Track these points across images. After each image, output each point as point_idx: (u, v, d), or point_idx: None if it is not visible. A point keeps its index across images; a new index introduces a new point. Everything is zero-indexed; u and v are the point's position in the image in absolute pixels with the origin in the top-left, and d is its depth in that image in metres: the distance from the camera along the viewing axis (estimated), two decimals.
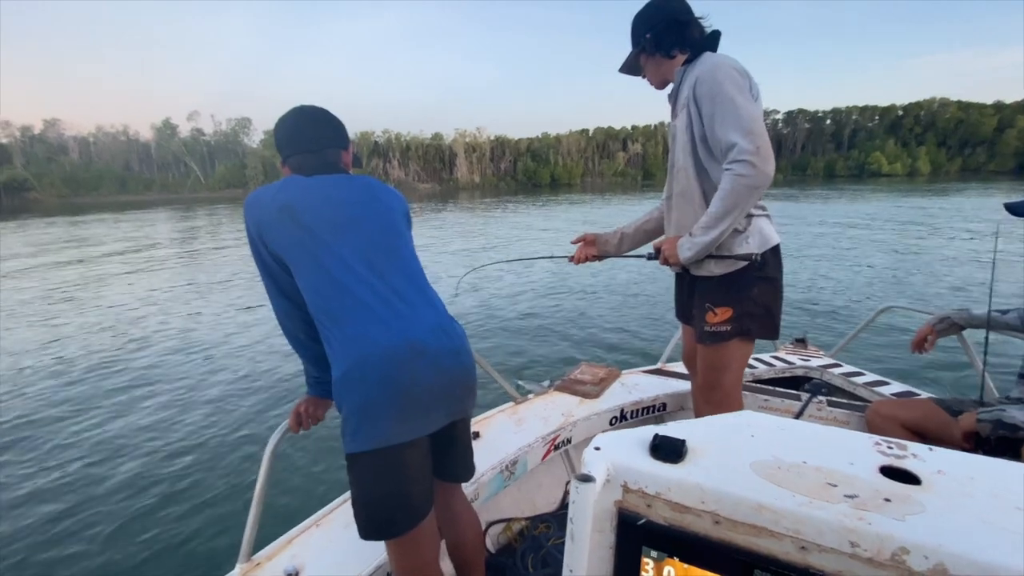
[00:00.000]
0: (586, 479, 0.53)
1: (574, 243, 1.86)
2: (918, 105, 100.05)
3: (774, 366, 2.56)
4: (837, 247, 12.47)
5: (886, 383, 2.32)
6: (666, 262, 1.56)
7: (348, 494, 1.39)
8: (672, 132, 1.61)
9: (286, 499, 3.16)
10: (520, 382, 2.27)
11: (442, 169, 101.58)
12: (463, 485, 1.34)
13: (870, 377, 2.39)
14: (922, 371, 4.55)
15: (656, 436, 0.57)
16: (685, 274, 1.65)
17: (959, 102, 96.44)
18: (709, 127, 1.40)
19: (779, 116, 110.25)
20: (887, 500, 0.47)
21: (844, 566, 0.44)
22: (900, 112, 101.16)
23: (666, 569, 0.51)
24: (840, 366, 2.55)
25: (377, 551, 1.26)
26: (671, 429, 0.59)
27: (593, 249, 1.82)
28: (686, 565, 0.50)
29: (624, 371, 2.38)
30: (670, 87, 1.61)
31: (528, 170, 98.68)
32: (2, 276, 11.74)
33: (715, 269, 1.50)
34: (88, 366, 5.75)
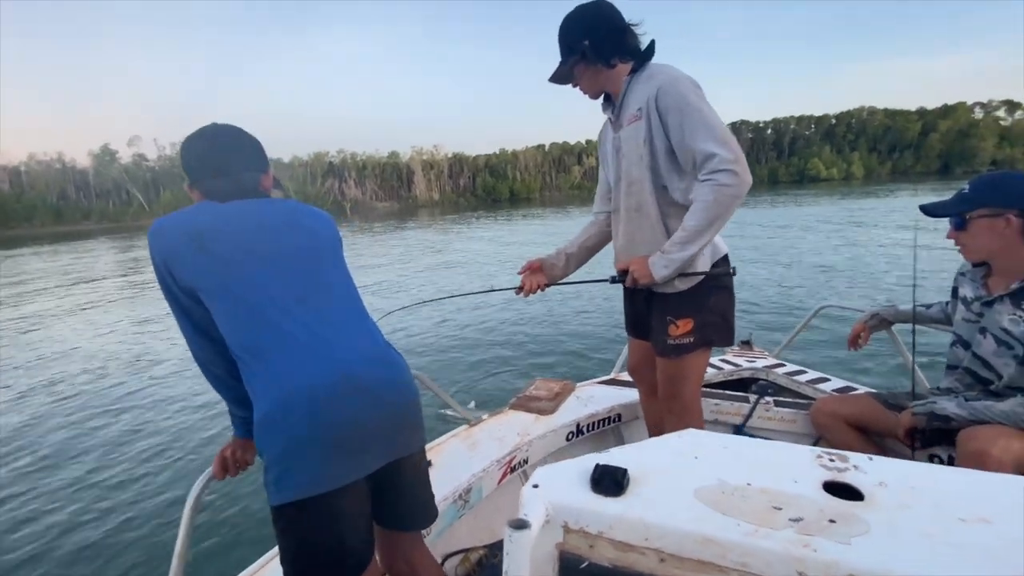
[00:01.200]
0: (521, 525, 0.50)
1: (520, 273, 1.77)
2: (849, 114, 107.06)
3: (723, 369, 2.60)
4: (779, 249, 12.83)
5: (827, 379, 2.39)
6: (635, 283, 1.48)
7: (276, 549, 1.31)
8: (615, 145, 1.57)
9: (214, 554, 2.84)
10: (472, 405, 2.18)
11: (400, 187, 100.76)
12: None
13: (812, 375, 2.46)
14: (859, 365, 4.73)
15: (597, 467, 0.54)
16: (637, 289, 1.60)
17: (886, 109, 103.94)
18: (679, 139, 1.37)
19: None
20: (832, 521, 0.46)
21: None
22: (833, 120, 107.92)
23: None
24: (784, 365, 2.62)
25: None
26: (613, 457, 0.57)
27: (542, 277, 1.74)
28: None
29: (579, 384, 2.37)
30: (602, 98, 1.58)
31: (487, 186, 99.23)
32: None
33: (679, 284, 1.49)
34: None
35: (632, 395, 2.19)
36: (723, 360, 2.74)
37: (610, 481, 0.52)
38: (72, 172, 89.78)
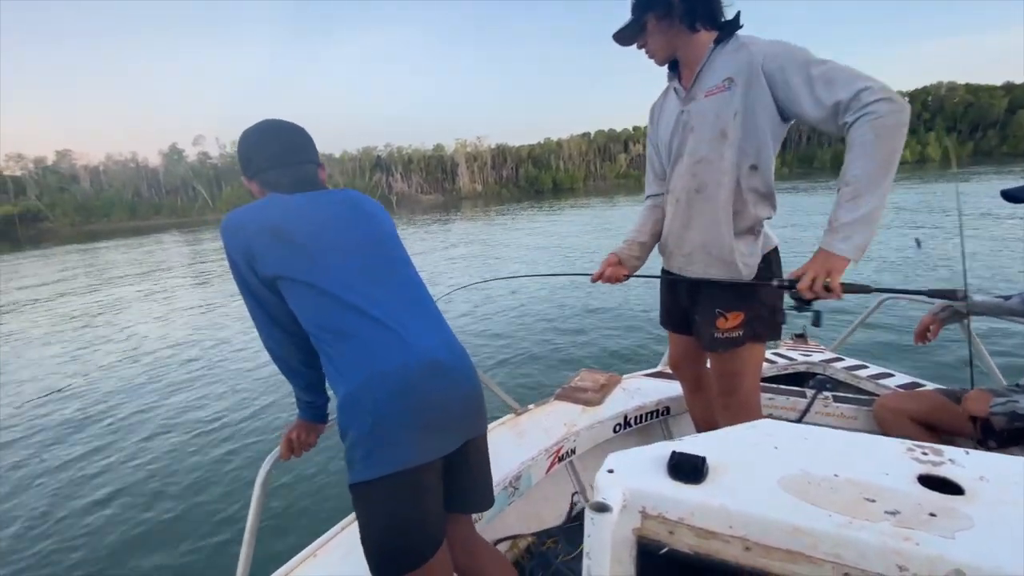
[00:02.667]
0: (602, 508, 0.49)
1: (601, 270, 1.68)
2: (925, 90, 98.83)
3: (776, 363, 2.49)
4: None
5: (890, 375, 2.27)
6: (825, 289, 1.17)
7: (345, 521, 1.39)
8: (681, 120, 1.42)
9: (281, 529, 3.02)
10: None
11: (444, 180, 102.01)
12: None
13: (874, 369, 2.34)
14: (925, 361, 4.39)
15: (674, 454, 0.53)
16: (681, 281, 1.53)
17: (967, 85, 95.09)
18: (810, 91, 1.17)
19: None
20: (932, 515, 0.44)
21: None
22: (907, 98, 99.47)
23: None
24: (842, 360, 2.49)
25: None
26: (687, 445, 0.56)
27: (623, 269, 1.65)
28: None
29: (625, 376, 2.32)
30: (667, 67, 1.45)
31: (530, 176, 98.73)
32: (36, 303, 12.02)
33: (732, 275, 1.39)
34: (80, 393, 5.69)
35: (680, 388, 2.08)
36: (776, 354, 2.63)
37: (689, 468, 0.51)
38: (145, 171, 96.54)
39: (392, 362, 0.97)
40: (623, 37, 1.41)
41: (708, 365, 1.63)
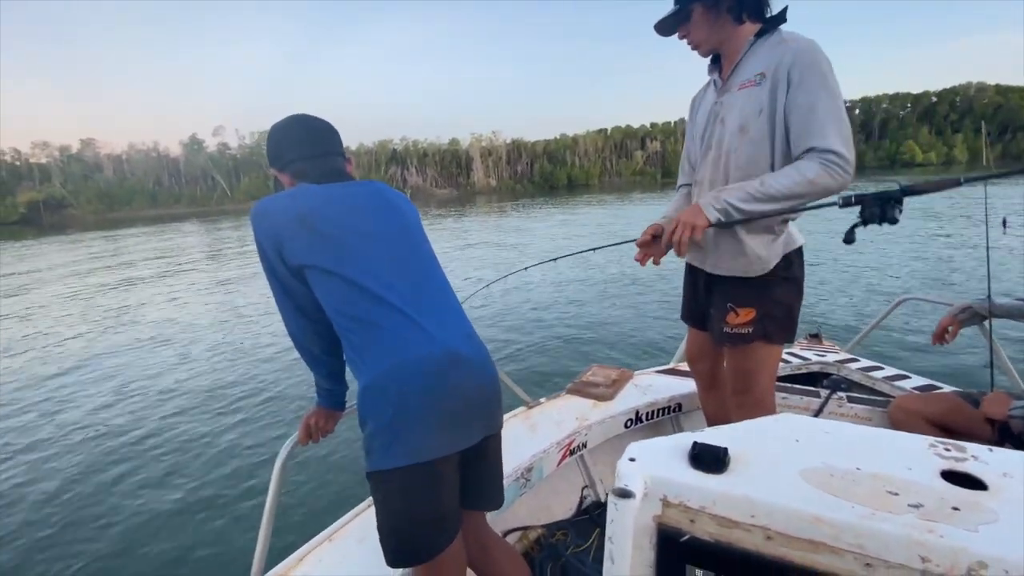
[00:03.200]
0: (625, 494, 0.50)
1: (642, 240, 1.58)
2: (953, 91, 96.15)
3: (790, 362, 2.48)
4: (858, 240, 11.99)
5: (906, 376, 2.26)
6: (685, 230, 1.27)
7: (360, 507, 1.43)
8: (714, 111, 1.42)
9: (298, 513, 3.09)
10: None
11: (459, 174, 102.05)
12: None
13: (889, 371, 2.33)
14: (942, 364, 4.29)
15: (696, 444, 0.53)
16: (701, 273, 1.54)
17: (997, 86, 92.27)
18: (800, 118, 1.23)
19: None
20: (955, 509, 0.44)
21: None
22: (934, 98, 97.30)
23: None
24: (857, 361, 2.48)
25: (392, 568, 1.21)
26: (709, 436, 0.56)
27: (660, 251, 1.59)
28: None
29: (636, 372, 2.32)
30: (709, 59, 1.44)
31: (545, 172, 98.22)
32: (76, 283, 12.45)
33: (744, 267, 1.39)
34: (93, 376, 5.79)
35: (692, 385, 2.06)
36: (790, 353, 2.62)
37: (711, 458, 0.51)
38: (166, 160, 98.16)
39: (414, 353, 0.98)
40: (665, 26, 1.39)
41: (724, 364, 1.62)
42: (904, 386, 2.18)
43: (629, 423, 2.02)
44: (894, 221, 1.22)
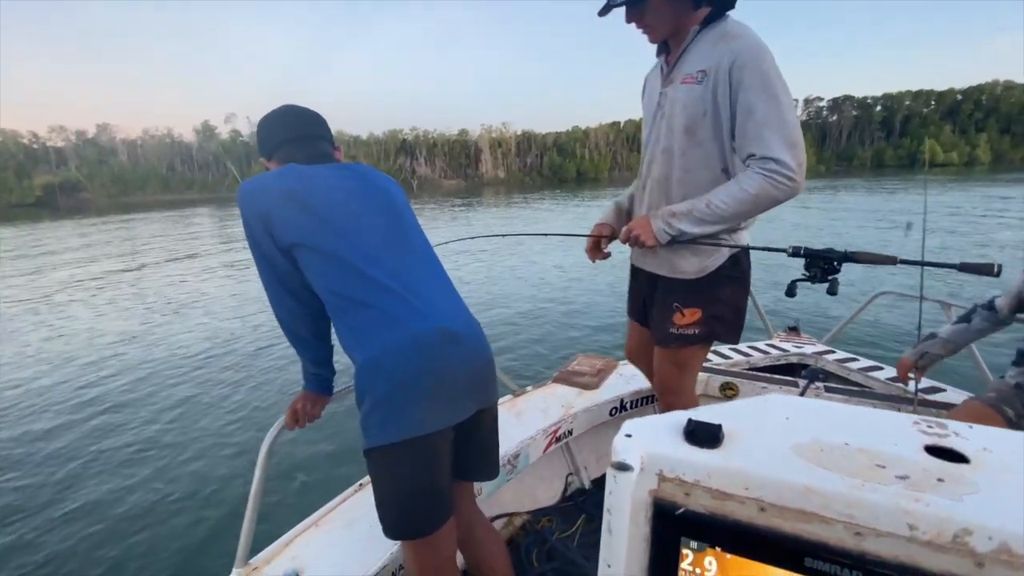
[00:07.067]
0: (623, 467, 0.51)
1: (592, 235, 1.59)
2: (979, 88, 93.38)
3: (769, 354, 2.58)
4: (842, 236, 12.40)
5: (880, 368, 2.37)
6: (634, 241, 1.33)
7: (349, 491, 1.45)
8: (659, 103, 1.37)
9: (283, 499, 3.05)
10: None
11: (467, 165, 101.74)
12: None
13: (864, 363, 2.44)
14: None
15: (690, 421, 0.55)
16: (642, 271, 1.53)
17: None
18: (743, 123, 1.21)
19: (824, 104, 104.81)
20: (940, 480, 0.46)
21: (901, 550, 0.42)
22: (959, 96, 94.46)
23: (707, 560, 0.49)
24: (834, 352, 2.58)
25: (381, 550, 1.24)
26: (701, 414, 0.57)
27: (602, 253, 1.60)
28: (729, 555, 0.48)
29: (621, 361, 2.33)
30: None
31: (554, 164, 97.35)
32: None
33: (690, 270, 1.37)
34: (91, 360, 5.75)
35: None
36: (769, 345, 2.71)
37: (705, 434, 0.53)
38: (179, 146, 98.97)
39: (408, 331, 0.98)
40: (624, 10, 1.28)
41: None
42: (878, 377, 2.28)
43: (614, 411, 2.06)
44: (833, 293, 1.26)
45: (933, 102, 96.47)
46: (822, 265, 1.24)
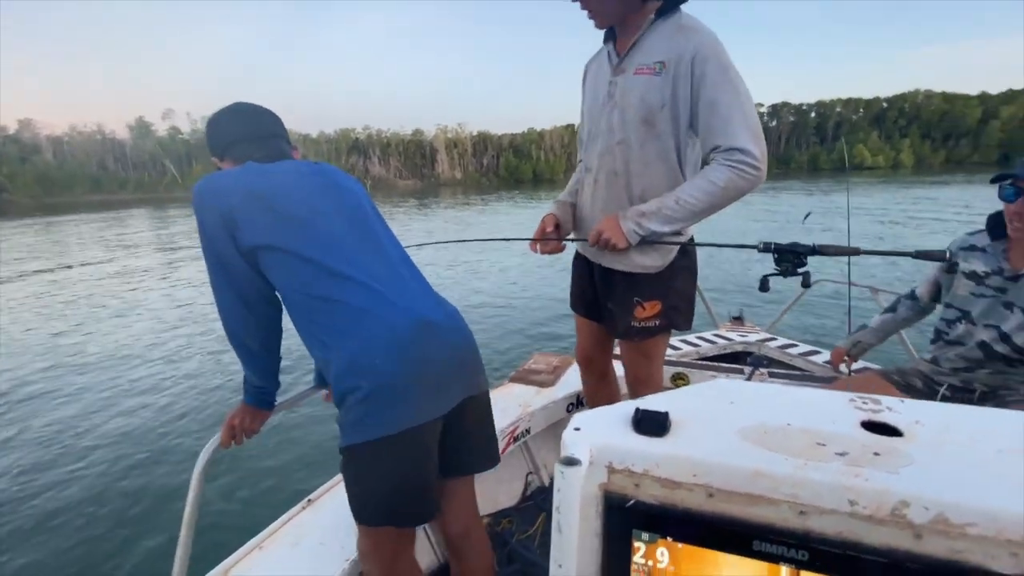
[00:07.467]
0: (571, 462, 0.51)
1: (538, 236, 1.54)
2: (902, 97, 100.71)
3: (716, 343, 2.70)
4: (777, 231, 13.37)
5: (817, 351, 2.49)
6: (604, 244, 1.32)
7: (295, 510, 1.38)
8: (609, 92, 1.35)
9: (222, 520, 2.84)
10: None
11: (423, 165, 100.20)
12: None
13: (803, 348, 2.58)
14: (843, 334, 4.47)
15: (638, 410, 0.55)
16: (596, 266, 1.50)
17: (944, 93, 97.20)
18: (707, 115, 1.22)
19: (764, 109, 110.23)
20: (876, 454, 0.47)
21: (844, 526, 0.43)
22: (884, 104, 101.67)
23: (659, 551, 0.49)
24: (775, 339, 2.72)
25: (332, 568, 1.19)
26: (649, 402, 0.58)
27: (558, 245, 1.56)
28: (680, 545, 0.48)
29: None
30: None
31: (510, 166, 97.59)
32: None
33: (650, 264, 1.38)
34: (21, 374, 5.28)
35: None
36: (716, 335, 2.81)
37: (652, 423, 0.53)
38: (112, 143, 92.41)
39: (387, 323, 0.97)
40: None
41: (620, 355, 1.62)
42: (816, 360, 2.40)
43: (571, 407, 2.07)
44: (807, 286, 1.31)
45: (861, 110, 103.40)
46: (791, 260, 1.27)
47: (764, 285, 1.32)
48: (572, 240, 1.56)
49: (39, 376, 5.27)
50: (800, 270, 1.28)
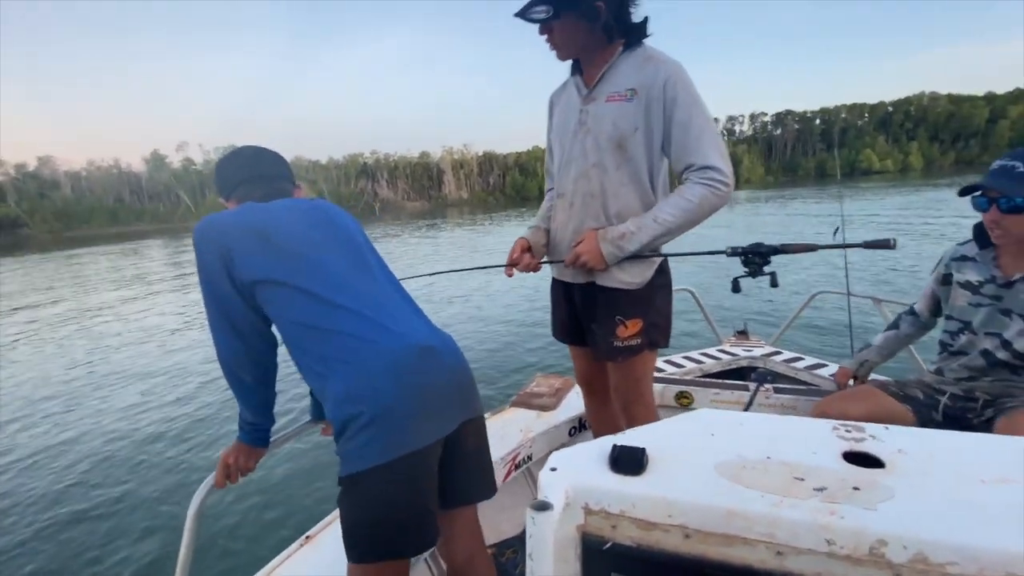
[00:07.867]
0: (543, 507, 0.49)
1: (514, 256, 1.56)
2: (907, 100, 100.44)
3: (720, 359, 2.63)
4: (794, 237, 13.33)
5: (824, 364, 2.45)
6: (582, 265, 1.37)
7: (292, 548, 1.36)
8: (580, 120, 1.40)
9: (217, 563, 2.78)
10: None
11: (431, 186, 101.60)
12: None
13: (809, 361, 2.53)
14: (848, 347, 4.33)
15: (615, 447, 0.54)
16: (576, 288, 1.52)
17: (950, 95, 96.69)
18: (680, 138, 1.29)
19: (768, 118, 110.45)
20: (856, 489, 0.46)
21: (823, 567, 0.41)
22: (889, 108, 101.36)
23: None
24: (781, 353, 2.66)
25: None
26: (629, 437, 0.57)
27: (534, 260, 1.58)
28: None
29: None
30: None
31: (516, 184, 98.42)
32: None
33: (630, 282, 1.41)
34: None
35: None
36: (720, 350, 2.76)
37: (629, 460, 0.52)
38: (128, 176, 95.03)
39: (385, 351, 0.99)
40: (531, 17, 1.31)
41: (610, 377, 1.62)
42: (822, 374, 2.34)
43: (573, 431, 2.01)
44: (775, 285, 1.31)
45: (866, 114, 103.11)
46: (756, 261, 1.32)
47: (736, 287, 1.39)
48: (548, 262, 1.57)
49: (50, 405, 5.35)
50: (767, 269, 1.33)
